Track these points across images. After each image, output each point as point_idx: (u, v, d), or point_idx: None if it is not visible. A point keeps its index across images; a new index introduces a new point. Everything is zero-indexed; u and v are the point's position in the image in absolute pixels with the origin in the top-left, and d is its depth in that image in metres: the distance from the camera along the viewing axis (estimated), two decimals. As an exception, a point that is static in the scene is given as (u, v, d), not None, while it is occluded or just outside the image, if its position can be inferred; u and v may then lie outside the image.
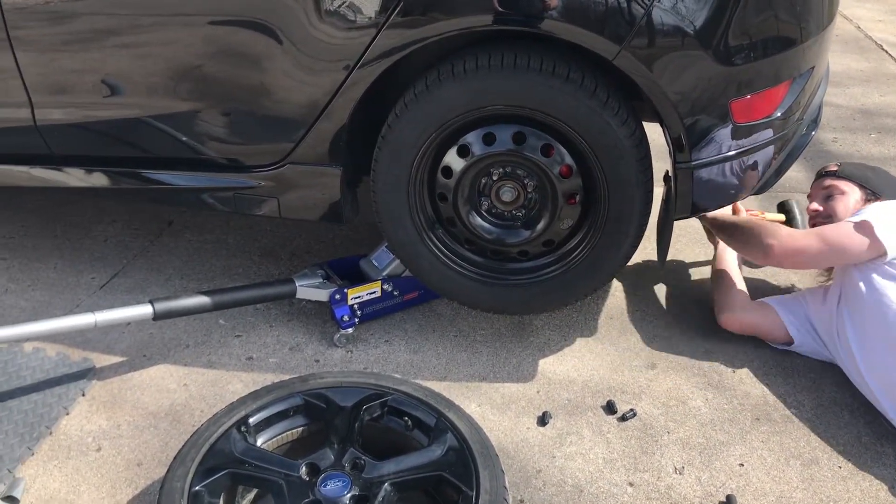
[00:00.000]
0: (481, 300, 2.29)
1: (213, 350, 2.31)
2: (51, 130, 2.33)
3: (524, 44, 1.98)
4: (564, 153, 2.07)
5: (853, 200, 2.30)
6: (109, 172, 2.38)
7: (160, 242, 2.85)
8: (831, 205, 2.31)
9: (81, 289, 2.59)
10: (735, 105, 1.95)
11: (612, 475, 1.91)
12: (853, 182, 2.33)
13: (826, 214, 2.31)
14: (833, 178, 2.36)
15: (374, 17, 1.93)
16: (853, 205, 2.29)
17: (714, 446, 2.00)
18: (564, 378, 2.22)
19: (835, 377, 2.21)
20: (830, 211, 2.31)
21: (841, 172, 2.37)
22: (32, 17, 2.13)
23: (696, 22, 1.85)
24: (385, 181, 2.15)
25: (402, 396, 1.87)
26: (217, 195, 2.35)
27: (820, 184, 2.40)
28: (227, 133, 2.23)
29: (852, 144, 3.65)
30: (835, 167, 2.42)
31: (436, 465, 1.71)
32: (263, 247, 2.83)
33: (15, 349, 2.23)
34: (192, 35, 2.07)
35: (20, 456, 1.90)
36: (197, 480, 1.64)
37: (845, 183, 2.33)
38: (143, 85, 2.18)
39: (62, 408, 2.06)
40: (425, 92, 2.01)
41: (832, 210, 2.30)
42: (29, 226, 2.94)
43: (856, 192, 2.31)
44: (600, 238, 2.13)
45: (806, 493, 1.87)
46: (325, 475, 1.67)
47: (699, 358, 2.30)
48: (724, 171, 2.04)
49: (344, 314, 2.31)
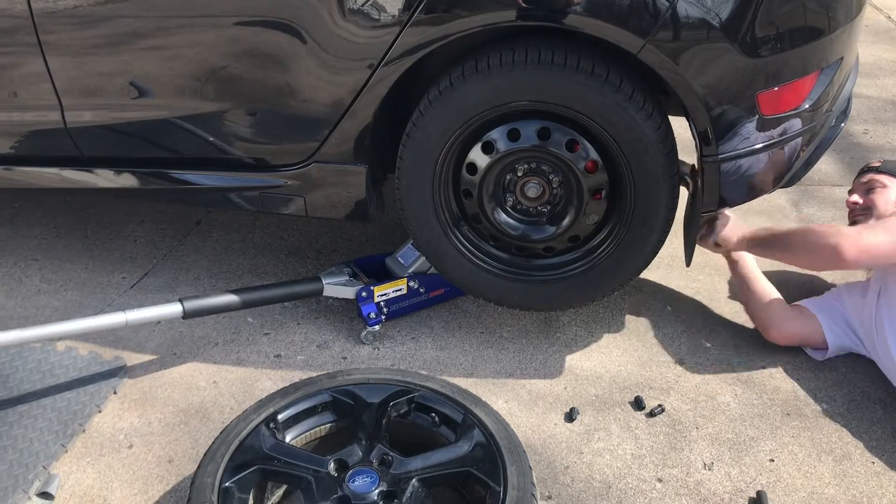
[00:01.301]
0: (507, 297, 2.29)
1: (242, 348, 2.34)
2: (80, 132, 2.36)
3: (548, 39, 1.98)
4: (590, 148, 2.06)
5: (894, 194, 2.31)
6: (138, 173, 2.41)
7: (188, 242, 2.88)
8: (871, 197, 2.33)
9: (112, 288, 2.63)
10: (762, 97, 1.93)
11: (640, 471, 1.90)
12: (895, 177, 2.35)
13: (865, 206, 2.33)
14: (874, 173, 2.39)
15: (398, 14, 1.94)
16: (894, 198, 2.30)
17: (744, 442, 1.98)
18: (592, 374, 2.21)
19: (867, 372, 2.18)
20: (870, 203, 2.32)
21: (883, 168, 2.40)
22: (61, 22, 2.15)
23: (722, 14, 1.83)
24: (410, 179, 2.15)
25: (429, 393, 1.87)
26: (244, 195, 2.37)
27: (861, 179, 2.42)
28: (252, 133, 2.25)
29: (883, 136, 3.59)
30: (878, 163, 2.44)
31: (463, 461, 1.72)
32: (290, 245, 2.85)
33: (48, 348, 2.27)
34: (217, 36, 2.09)
35: (54, 453, 1.93)
36: (227, 477, 1.66)
37: (887, 177, 2.35)
38: (170, 86, 2.21)
39: (95, 405, 2.09)
40: (449, 89, 2.01)
41: (872, 202, 2.31)
42: (60, 227, 2.98)
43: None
44: (626, 233, 2.12)
45: (838, 489, 1.85)
46: (354, 471, 1.68)
47: (728, 353, 2.28)
48: (751, 165, 2.02)
49: (370, 311, 2.32)
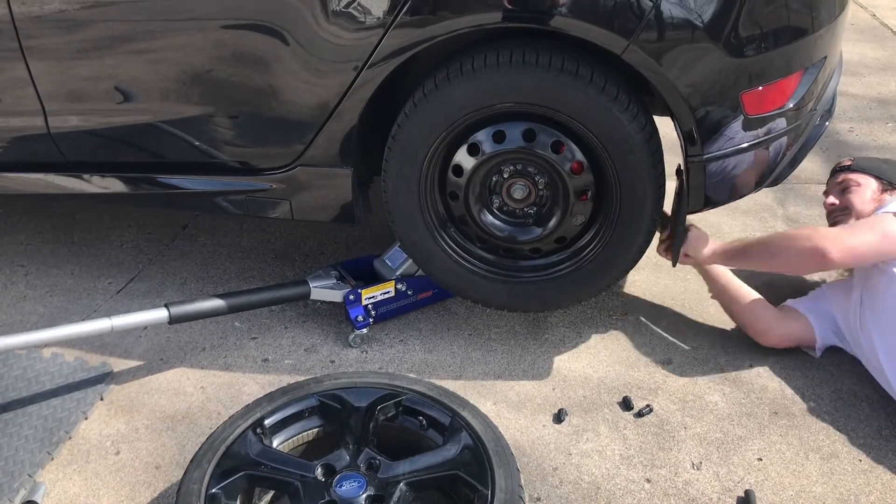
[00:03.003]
0: (494, 298, 2.29)
1: (229, 352, 2.33)
2: (64, 137, 2.35)
3: (533, 40, 1.97)
4: (575, 149, 2.06)
5: (869, 192, 2.31)
6: (123, 178, 2.40)
7: (175, 247, 2.87)
8: (848, 197, 2.32)
9: (98, 294, 2.61)
10: (746, 97, 1.94)
11: (628, 472, 1.91)
12: (868, 174, 2.35)
13: (843, 207, 2.33)
14: (848, 172, 2.38)
15: (382, 16, 1.93)
16: (870, 196, 2.30)
17: (732, 441, 1.98)
18: (580, 375, 2.21)
19: (854, 370, 2.19)
20: (847, 203, 2.31)
21: (855, 166, 2.39)
22: (43, 26, 2.14)
23: (705, 14, 1.84)
24: (396, 181, 2.15)
25: (417, 396, 1.87)
26: (230, 198, 2.36)
27: (835, 179, 2.42)
28: (238, 136, 2.24)
29: (868, 134, 3.61)
30: (848, 161, 2.44)
31: (451, 464, 1.71)
32: (277, 249, 2.84)
33: (34, 355, 2.25)
34: (201, 39, 2.08)
35: (40, 461, 1.92)
36: (213, 483, 1.65)
37: (860, 175, 2.35)
38: (154, 90, 2.19)
39: (81, 412, 2.07)
40: (434, 91, 2.01)
41: (849, 202, 2.31)
42: (46, 232, 2.97)
43: (871, 184, 2.32)
44: (613, 234, 2.12)
45: (826, 486, 1.86)
46: (341, 476, 1.67)
47: (715, 353, 2.28)
48: (736, 164, 2.03)
49: (358, 314, 2.32)
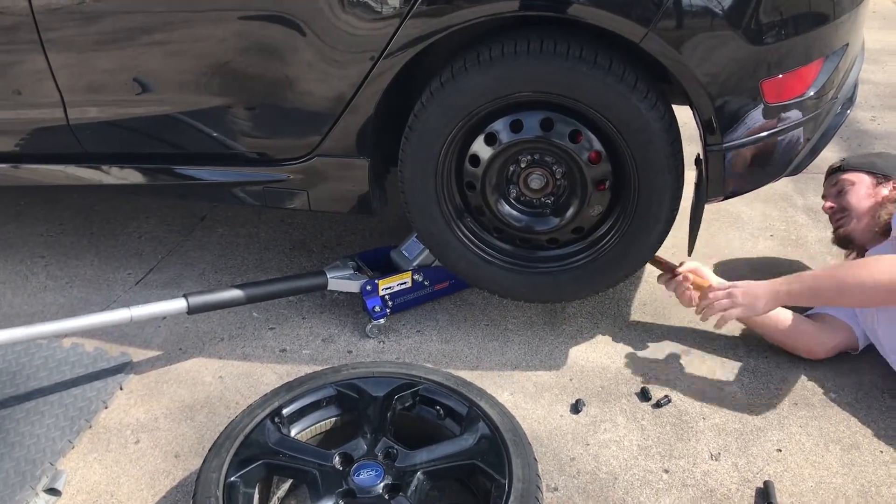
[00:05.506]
0: (511, 289, 2.28)
1: (248, 342, 2.34)
2: (83, 129, 2.36)
3: (550, 29, 1.96)
4: (593, 139, 2.05)
5: (864, 188, 2.32)
6: (141, 169, 2.41)
7: (193, 238, 2.88)
8: (844, 199, 2.34)
9: (118, 284, 2.63)
10: (766, 85, 1.92)
11: (646, 462, 1.90)
12: (860, 171, 2.35)
13: (842, 209, 2.34)
14: (840, 174, 2.39)
15: (399, 6, 1.93)
16: (864, 192, 2.31)
17: (751, 432, 1.97)
18: (597, 365, 2.21)
19: (875, 361, 2.16)
20: (845, 204, 2.33)
21: (846, 166, 2.40)
22: (62, 19, 2.15)
23: (725, 1, 1.82)
24: (413, 171, 2.15)
25: (434, 386, 1.87)
26: (248, 189, 2.36)
27: (829, 183, 2.43)
28: (255, 127, 2.24)
29: (891, 122, 3.56)
30: (839, 163, 2.44)
31: (468, 453, 1.71)
32: (294, 240, 2.85)
33: (54, 345, 2.28)
34: (219, 31, 2.09)
35: (61, 449, 1.94)
36: (232, 471, 1.66)
37: (852, 174, 2.36)
38: (172, 82, 2.20)
39: (101, 401, 2.09)
40: (451, 80, 2.00)
41: (846, 203, 2.32)
42: (65, 223, 2.99)
43: (865, 180, 2.33)
44: (630, 224, 2.11)
45: (846, 478, 1.84)
46: (358, 464, 1.68)
47: (734, 343, 2.27)
48: (756, 153, 2.01)
49: (375, 305, 2.32)
